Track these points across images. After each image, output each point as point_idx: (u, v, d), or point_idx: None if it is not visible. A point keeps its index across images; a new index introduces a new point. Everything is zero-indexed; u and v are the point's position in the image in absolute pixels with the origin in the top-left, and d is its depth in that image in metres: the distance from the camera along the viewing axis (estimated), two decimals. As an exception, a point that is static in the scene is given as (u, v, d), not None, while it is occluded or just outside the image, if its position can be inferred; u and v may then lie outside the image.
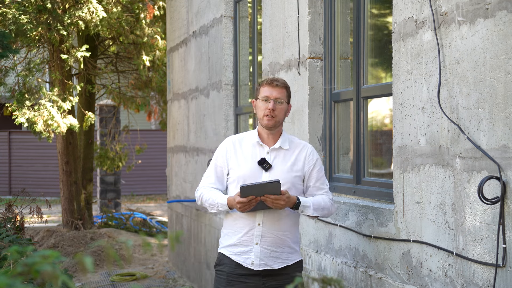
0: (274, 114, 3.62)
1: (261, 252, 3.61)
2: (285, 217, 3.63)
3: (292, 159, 3.67)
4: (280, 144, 3.67)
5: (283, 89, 3.67)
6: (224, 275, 3.68)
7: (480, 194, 2.84)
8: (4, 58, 7.21)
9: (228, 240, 3.70)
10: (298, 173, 3.67)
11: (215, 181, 3.73)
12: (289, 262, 3.66)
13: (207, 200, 3.68)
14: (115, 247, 9.72)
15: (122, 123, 14.14)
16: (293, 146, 3.71)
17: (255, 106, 3.71)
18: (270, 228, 3.61)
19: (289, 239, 3.66)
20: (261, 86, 3.69)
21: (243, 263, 3.63)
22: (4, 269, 2.81)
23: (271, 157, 3.66)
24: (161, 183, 18.03)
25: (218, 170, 3.74)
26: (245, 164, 3.66)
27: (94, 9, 8.20)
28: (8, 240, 4.19)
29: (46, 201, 7.36)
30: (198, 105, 7.56)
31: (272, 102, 3.62)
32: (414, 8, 3.43)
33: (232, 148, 3.71)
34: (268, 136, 3.69)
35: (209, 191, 3.70)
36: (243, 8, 6.58)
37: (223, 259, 3.71)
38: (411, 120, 3.47)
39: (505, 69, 2.75)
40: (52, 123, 8.34)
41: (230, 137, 3.82)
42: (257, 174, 3.62)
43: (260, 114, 3.66)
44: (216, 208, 3.63)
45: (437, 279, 3.26)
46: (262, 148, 3.68)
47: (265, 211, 3.59)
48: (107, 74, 11.51)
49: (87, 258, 1.46)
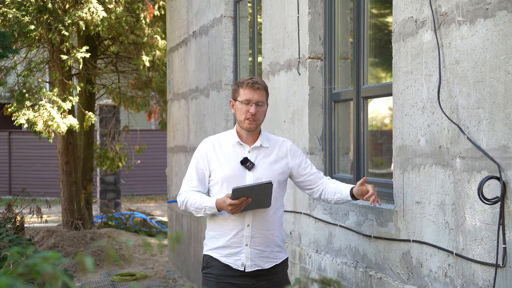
0: (256, 117, 3.61)
1: (251, 253, 3.60)
2: (272, 215, 3.64)
3: (273, 156, 3.67)
4: (261, 143, 3.66)
5: (263, 92, 3.64)
6: (213, 277, 3.64)
7: (480, 194, 2.84)
8: (4, 58, 7.20)
9: (216, 243, 3.65)
10: (281, 170, 3.67)
11: (197, 184, 3.67)
12: (278, 261, 3.68)
13: (192, 204, 3.61)
14: (115, 247, 9.72)
15: (122, 123, 14.15)
16: (272, 143, 3.71)
17: (234, 107, 3.66)
18: (259, 228, 3.60)
19: (276, 238, 3.67)
20: (241, 88, 3.63)
21: (233, 265, 3.61)
22: (4, 269, 2.81)
23: (253, 156, 3.64)
24: (161, 183, 18.04)
25: (200, 172, 3.68)
26: (227, 164, 3.62)
27: (95, 9, 8.20)
28: (8, 240, 4.19)
29: (46, 201, 7.37)
30: (198, 105, 7.56)
31: (254, 106, 3.59)
32: (414, 8, 3.43)
33: (212, 149, 3.67)
34: (248, 136, 3.67)
35: (193, 194, 3.63)
36: (243, 8, 6.58)
37: (211, 262, 3.66)
38: (411, 120, 3.47)
39: (505, 69, 2.75)
40: (52, 123, 8.34)
41: (207, 138, 3.76)
42: (241, 174, 3.60)
43: (240, 117, 3.62)
44: (204, 211, 3.58)
45: (437, 279, 3.26)
46: (242, 147, 3.66)
47: (253, 211, 3.58)
48: (107, 74, 11.51)
49: (88, 258, 1.46)
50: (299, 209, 4.89)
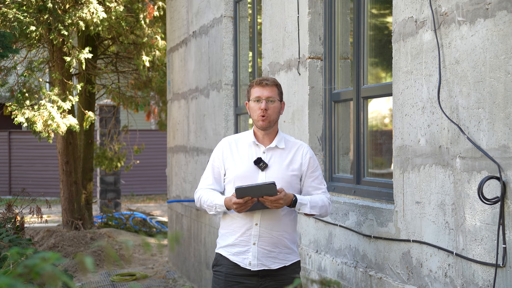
0: (267, 113, 3.62)
1: (258, 252, 3.61)
2: (283, 217, 3.63)
3: (289, 158, 3.67)
4: (276, 144, 3.67)
5: (273, 87, 3.66)
6: (222, 275, 3.68)
7: (480, 194, 2.84)
8: (5, 58, 7.20)
9: (226, 241, 3.70)
10: (295, 172, 3.66)
11: (212, 182, 3.74)
12: (287, 263, 3.66)
13: (205, 202, 3.69)
14: (115, 247, 9.72)
15: (122, 123, 14.14)
16: (289, 145, 3.71)
17: (249, 108, 3.71)
18: (268, 228, 3.61)
19: (286, 239, 3.66)
20: (252, 88, 3.69)
21: (241, 263, 3.63)
22: (3, 270, 2.81)
23: (267, 157, 3.66)
24: (161, 183, 18.03)
25: (215, 171, 3.74)
26: (242, 164, 3.66)
27: (95, 9, 8.20)
28: (8, 240, 4.19)
29: (46, 201, 7.37)
30: (198, 105, 7.56)
31: (264, 102, 3.62)
32: (414, 8, 3.43)
33: (228, 149, 3.72)
34: (264, 136, 3.69)
35: (207, 192, 3.70)
36: (243, 8, 6.58)
37: (221, 260, 3.71)
38: (411, 120, 3.47)
39: (505, 69, 2.75)
40: (52, 123, 8.34)
41: (226, 137, 3.82)
42: (254, 174, 3.62)
43: (254, 116, 3.67)
44: (215, 209, 3.63)
45: (437, 279, 3.26)
46: (258, 148, 3.68)
47: (262, 211, 3.59)
48: (107, 74, 11.51)
49: (88, 258, 1.46)
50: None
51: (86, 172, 11.00)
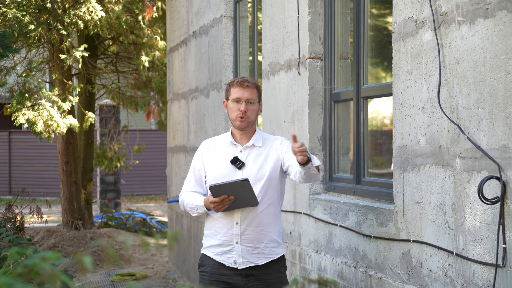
0: (247, 115, 3.65)
1: (242, 250, 3.64)
2: (262, 212, 3.65)
3: (264, 155, 3.69)
4: (253, 142, 3.71)
5: (253, 90, 3.68)
6: (206, 275, 3.73)
7: (480, 194, 2.84)
8: (5, 58, 7.20)
9: (210, 241, 3.74)
10: (272, 167, 3.67)
11: (194, 185, 3.79)
12: (274, 257, 3.69)
13: (187, 204, 3.74)
14: (115, 247, 9.72)
15: (122, 123, 14.14)
16: (266, 142, 3.73)
17: (227, 107, 3.73)
18: (249, 225, 3.64)
19: (271, 233, 3.68)
20: (231, 87, 3.70)
21: (226, 263, 3.67)
22: (3, 270, 2.81)
23: (244, 155, 3.69)
24: (161, 183, 18.03)
25: (197, 173, 3.80)
26: (220, 164, 3.70)
27: (93, 9, 8.20)
28: (8, 240, 4.19)
29: (46, 201, 7.37)
30: (198, 105, 7.56)
31: (244, 104, 3.64)
32: (414, 8, 3.43)
33: (207, 151, 3.77)
34: (242, 136, 3.73)
35: (189, 195, 3.76)
36: (243, 8, 6.58)
37: (205, 260, 3.75)
38: (411, 120, 3.47)
39: (505, 69, 2.75)
40: (52, 123, 8.34)
41: (205, 140, 3.87)
42: (231, 173, 3.65)
43: (232, 116, 3.69)
44: (196, 211, 3.68)
45: (437, 279, 3.26)
46: (235, 147, 3.72)
47: (242, 209, 3.63)
48: (107, 74, 11.51)
49: (87, 257, 1.46)
50: (299, 209, 4.89)
51: (86, 172, 11.00)
